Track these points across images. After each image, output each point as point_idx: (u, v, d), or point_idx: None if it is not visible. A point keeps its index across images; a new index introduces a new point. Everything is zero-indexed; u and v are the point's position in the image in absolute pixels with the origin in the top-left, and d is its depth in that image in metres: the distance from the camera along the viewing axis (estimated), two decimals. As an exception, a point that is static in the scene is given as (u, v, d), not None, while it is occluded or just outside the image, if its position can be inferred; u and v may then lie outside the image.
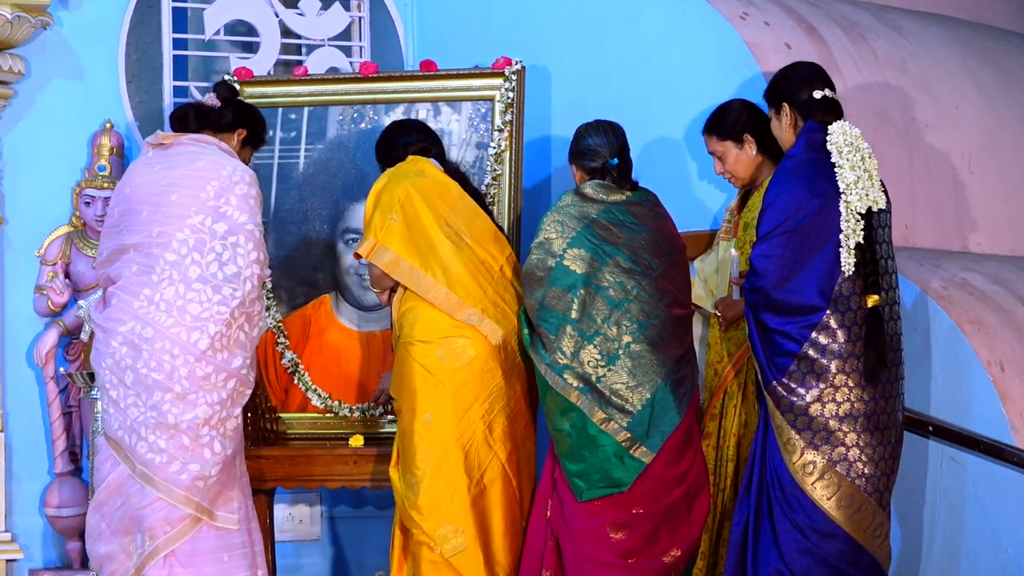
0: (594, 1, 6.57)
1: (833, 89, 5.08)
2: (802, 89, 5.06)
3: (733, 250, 5.47)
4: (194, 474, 5.31)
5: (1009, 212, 6.39)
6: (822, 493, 4.89)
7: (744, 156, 5.49)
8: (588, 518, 5.33)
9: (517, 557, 5.60)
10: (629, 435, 5.31)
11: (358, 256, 5.71)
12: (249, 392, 5.47)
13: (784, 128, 5.11)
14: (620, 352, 5.34)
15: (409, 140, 5.89)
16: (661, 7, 6.31)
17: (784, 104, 5.08)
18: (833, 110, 5.02)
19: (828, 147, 4.94)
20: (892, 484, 5.00)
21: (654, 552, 5.34)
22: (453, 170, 5.89)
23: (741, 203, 5.63)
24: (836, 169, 4.91)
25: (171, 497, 5.30)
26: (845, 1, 6.69)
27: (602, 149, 5.52)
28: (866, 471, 4.89)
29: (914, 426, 5.32)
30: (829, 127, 4.97)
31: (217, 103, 5.70)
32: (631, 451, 5.30)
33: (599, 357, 5.33)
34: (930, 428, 5.30)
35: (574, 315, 5.34)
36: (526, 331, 5.45)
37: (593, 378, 5.32)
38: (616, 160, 5.51)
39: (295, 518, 6.95)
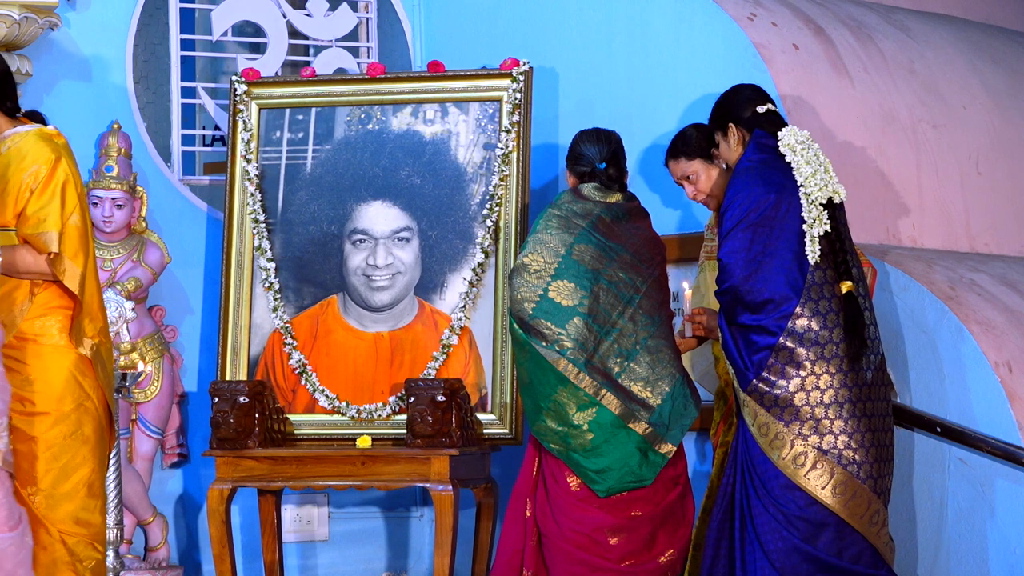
0: (601, 2, 6.57)
1: (775, 105, 5.14)
2: (745, 107, 5.14)
3: (685, 284, 5.47)
4: None
5: (1017, 213, 6.38)
6: (816, 483, 4.89)
7: (716, 172, 5.45)
8: (586, 521, 5.32)
9: None
10: (651, 429, 5.34)
11: None
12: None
13: (732, 147, 5.16)
14: (638, 347, 5.38)
15: None
16: (668, 8, 6.32)
17: (730, 124, 5.14)
18: (778, 122, 5.08)
19: (781, 149, 5.00)
20: (888, 473, 4.98)
21: (652, 554, 5.35)
22: None
23: (719, 222, 5.60)
24: (792, 165, 4.97)
25: None
26: (853, 2, 6.68)
27: (592, 155, 5.58)
28: (856, 457, 4.89)
29: (921, 427, 5.32)
30: (778, 133, 5.02)
31: None
32: (655, 446, 5.33)
33: (618, 351, 5.35)
34: (938, 429, 5.30)
35: (586, 309, 5.35)
36: (517, 328, 5.40)
37: (613, 373, 5.34)
38: (604, 165, 5.57)
39: (302, 519, 6.95)
